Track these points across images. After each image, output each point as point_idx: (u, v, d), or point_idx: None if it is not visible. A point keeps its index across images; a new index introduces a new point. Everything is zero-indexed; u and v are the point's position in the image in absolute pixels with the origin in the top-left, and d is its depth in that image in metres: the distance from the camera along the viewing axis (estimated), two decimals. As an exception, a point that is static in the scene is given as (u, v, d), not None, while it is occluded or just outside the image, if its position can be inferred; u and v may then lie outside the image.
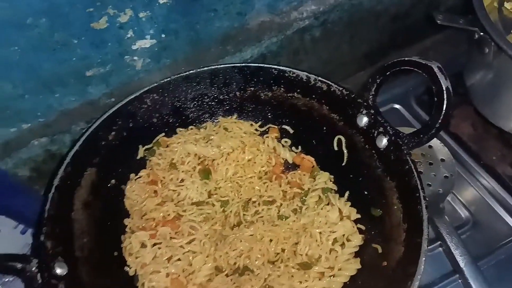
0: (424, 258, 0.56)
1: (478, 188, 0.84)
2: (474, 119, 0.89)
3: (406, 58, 0.68)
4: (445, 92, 0.63)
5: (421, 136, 0.66)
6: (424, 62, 0.65)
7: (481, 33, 0.76)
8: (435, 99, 0.64)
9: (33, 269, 0.58)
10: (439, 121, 0.63)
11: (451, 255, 0.72)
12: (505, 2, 0.80)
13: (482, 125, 0.87)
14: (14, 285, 0.81)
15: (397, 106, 0.99)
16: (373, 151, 0.72)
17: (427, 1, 1.10)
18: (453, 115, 0.90)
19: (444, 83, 0.63)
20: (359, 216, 0.72)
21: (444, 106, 0.63)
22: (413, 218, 0.61)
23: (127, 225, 0.74)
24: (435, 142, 0.86)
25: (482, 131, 0.88)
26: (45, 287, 0.57)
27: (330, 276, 0.66)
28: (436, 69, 0.63)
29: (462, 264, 0.70)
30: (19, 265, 0.58)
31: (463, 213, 0.81)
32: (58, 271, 0.59)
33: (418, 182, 0.62)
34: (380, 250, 0.66)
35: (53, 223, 0.63)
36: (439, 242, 0.76)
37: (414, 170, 0.63)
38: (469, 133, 0.88)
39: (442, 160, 0.84)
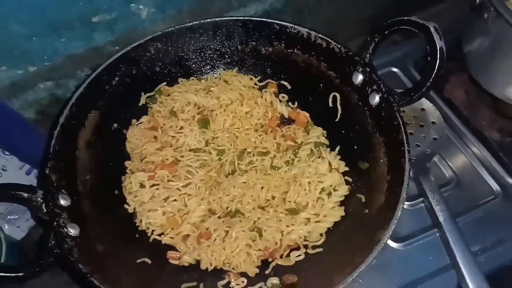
0: (402, 205, 0.60)
1: (464, 150, 0.87)
2: (468, 85, 0.91)
3: (404, 18, 0.69)
4: (438, 51, 0.65)
5: (412, 94, 0.69)
6: (421, 22, 0.66)
7: (482, -2, 0.78)
8: (429, 58, 0.66)
9: (39, 199, 0.62)
10: (430, 80, 0.66)
11: (432, 211, 0.76)
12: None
13: (475, 92, 0.90)
14: (18, 222, 0.87)
15: (395, 69, 1.00)
16: (366, 108, 0.75)
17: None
18: (448, 81, 0.93)
19: (439, 43, 0.65)
20: (347, 168, 0.76)
21: (436, 65, 0.65)
22: (396, 171, 0.65)
23: (127, 167, 0.78)
24: (428, 105, 0.88)
25: (474, 97, 0.90)
26: (50, 215, 0.62)
27: (316, 221, 0.70)
28: (432, 29, 0.65)
29: (441, 219, 0.74)
30: (25, 195, 0.62)
31: (448, 173, 0.85)
32: (62, 202, 0.63)
33: (404, 137, 0.65)
34: (363, 200, 0.70)
35: (58, 158, 0.67)
36: (421, 199, 0.80)
37: (402, 126, 0.67)
38: (461, 98, 0.90)
39: (433, 122, 0.87)
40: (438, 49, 0.65)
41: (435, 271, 0.74)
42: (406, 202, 0.74)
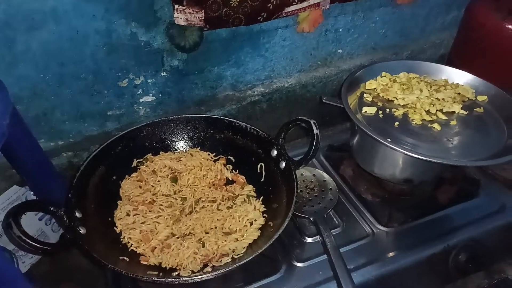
0: (287, 222, 0.96)
1: (349, 206, 1.27)
2: (354, 167, 1.35)
3: (298, 117, 1.16)
4: (315, 136, 1.09)
5: (302, 162, 1.11)
6: (306, 119, 1.12)
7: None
8: (311, 140, 1.10)
9: (61, 212, 0.98)
10: (311, 154, 1.09)
11: (324, 243, 1.12)
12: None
13: (358, 170, 1.33)
14: (23, 259, 1.17)
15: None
16: (278, 171, 1.16)
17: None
18: (342, 163, 1.37)
19: (315, 131, 1.09)
20: (265, 209, 1.14)
21: (314, 144, 1.09)
22: (290, 205, 1.03)
23: (119, 204, 1.15)
24: (328, 178, 1.31)
25: (358, 174, 1.33)
26: (69, 219, 0.96)
27: (242, 240, 1.06)
28: (312, 122, 1.10)
29: (329, 248, 1.10)
30: (52, 208, 0.98)
31: (337, 221, 1.23)
32: (77, 215, 0.99)
33: (295, 185, 1.05)
34: (272, 225, 1.07)
35: (76, 191, 1.04)
36: (318, 236, 1.16)
37: (295, 179, 1.07)
38: (350, 174, 1.34)
39: (331, 189, 1.28)
40: (315, 134, 1.09)
41: (322, 280, 1.07)
42: (309, 238, 1.14)
